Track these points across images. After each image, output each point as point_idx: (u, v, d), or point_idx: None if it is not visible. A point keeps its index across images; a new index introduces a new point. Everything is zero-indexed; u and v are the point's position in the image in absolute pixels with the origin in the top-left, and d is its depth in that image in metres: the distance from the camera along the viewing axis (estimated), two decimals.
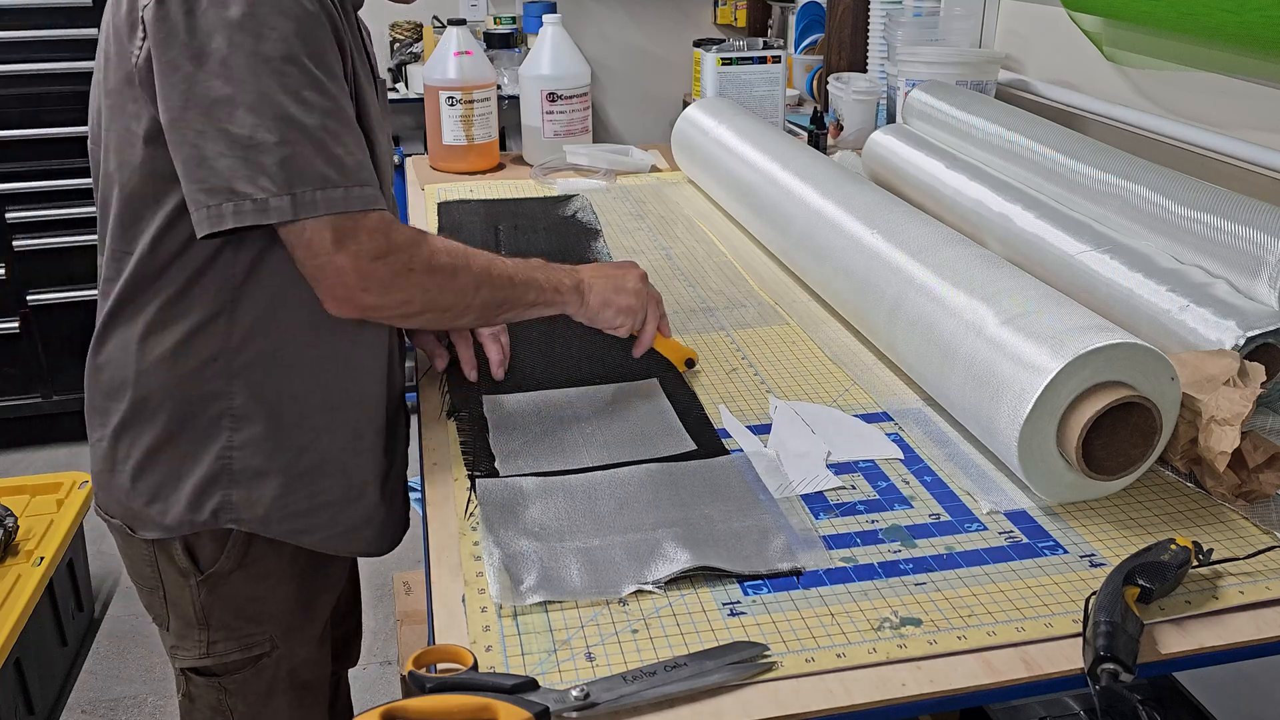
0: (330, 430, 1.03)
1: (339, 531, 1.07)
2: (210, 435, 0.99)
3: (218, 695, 1.11)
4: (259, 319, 0.97)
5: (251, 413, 0.99)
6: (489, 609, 0.78)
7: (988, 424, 0.92)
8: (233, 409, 0.99)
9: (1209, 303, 1.02)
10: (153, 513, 1.02)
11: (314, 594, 1.13)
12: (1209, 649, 0.75)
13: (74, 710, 2.11)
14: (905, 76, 1.84)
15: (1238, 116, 1.40)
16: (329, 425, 1.03)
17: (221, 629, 1.08)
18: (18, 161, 2.81)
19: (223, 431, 0.99)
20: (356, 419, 1.05)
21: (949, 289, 1.03)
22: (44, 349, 2.97)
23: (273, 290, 0.97)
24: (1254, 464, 0.88)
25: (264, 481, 1.01)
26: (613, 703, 0.67)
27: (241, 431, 0.99)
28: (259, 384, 0.99)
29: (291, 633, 1.11)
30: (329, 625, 1.19)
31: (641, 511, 0.88)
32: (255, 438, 1.00)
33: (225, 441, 0.99)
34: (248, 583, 1.06)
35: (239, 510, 1.01)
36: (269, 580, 1.07)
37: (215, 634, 1.08)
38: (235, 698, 1.11)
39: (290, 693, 1.13)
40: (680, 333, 1.26)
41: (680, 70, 3.69)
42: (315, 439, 1.02)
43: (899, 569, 0.82)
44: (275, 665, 1.11)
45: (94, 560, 2.42)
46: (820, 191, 1.35)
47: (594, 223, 1.65)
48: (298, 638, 1.12)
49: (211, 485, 1.00)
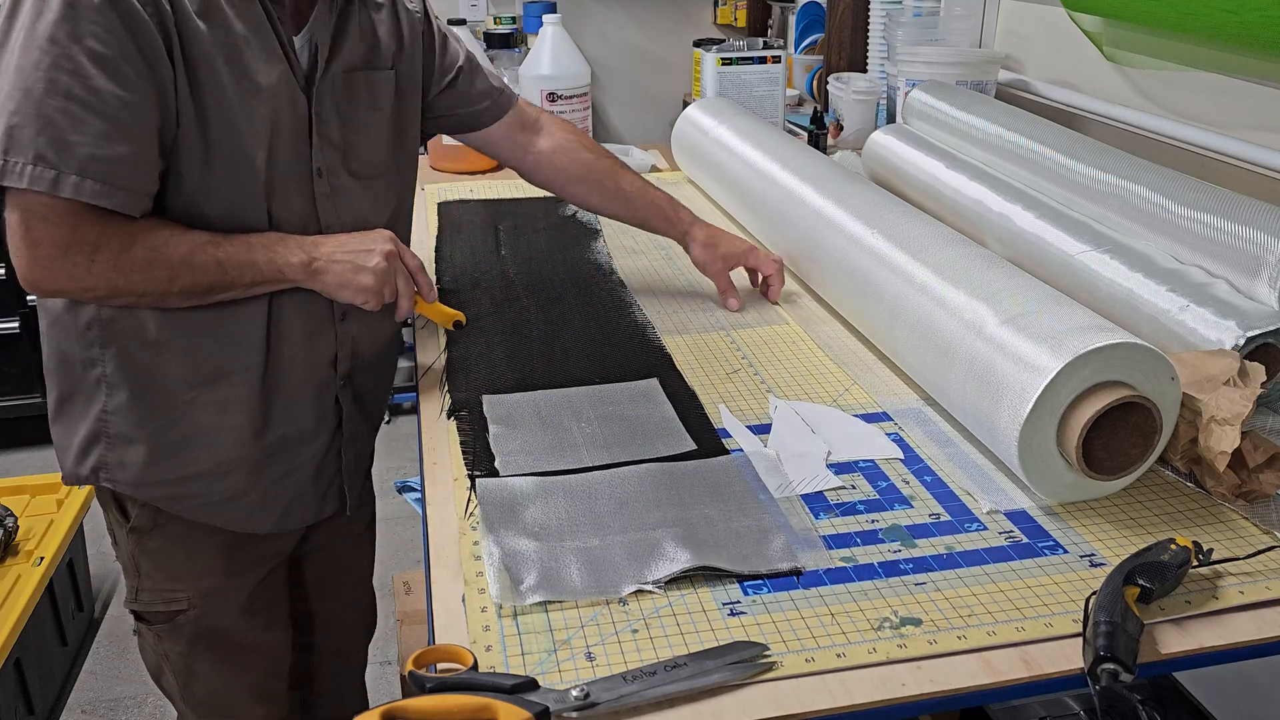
0: (197, 404, 1.08)
1: (210, 503, 1.13)
2: (92, 397, 1.07)
3: (155, 638, 1.21)
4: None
5: (120, 381, 1.06)
6: (489, 609, 0.78)
7: (988, 424, 0.92)
8: (106, 376, 1.06)
9: (1209, 303, 1.02)
10: (60, 460, 1.12)
11: (240, 564, 1.19)
12: (1209, 649, 0.74)
13: (74, 710, 2.11)
14: (905, 76, 1.84)
15: (1238, 116, 1.39)
16: (195, 400, 1.07)
17: (148, 579, 1.17)
18: None
19: (101, 395, 1.07)
20: (225, 394, 1.08)
21: (949, 289, 1.03)
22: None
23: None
24: (1254, 464, 0.88)
25: (133, 447, 1.08)
26: (613, 703, 0.67)
27: (114, 398, 1.07)
28: (127, 354, 1.05)
29: (211, 597, 1.18)
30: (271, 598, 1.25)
31: (641, 511, 0.88)
32: (124, 404, 1.07)
33: (102, 405, 1.07)
34: (167, 542, 1.14)
35: (113, 471, 1.09)
36: (187, 543, 1.15)
37: (144, 582, 1.17)
38: (166, 643, 1.20)
39: (214, 651, 1.21)
40: (680, 332, 1.26)
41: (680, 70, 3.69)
42: (183, 412, 1.07)
43: (899, 569, 0.82)
44: (193, 624, 1.18)
45: (94, 560, 2.42)
46: (820, 191, 1.35)
47: (594, 223, 1.65)
48: (218, 603, 1.18)
49: (92, 444, 1.09)
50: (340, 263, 1.06)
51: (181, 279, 0.99)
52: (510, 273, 1.44)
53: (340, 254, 1.07)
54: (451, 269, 1.46)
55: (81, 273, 0.95)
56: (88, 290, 0.97)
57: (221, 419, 1.09)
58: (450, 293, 1.36)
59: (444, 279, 1.42)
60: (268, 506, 1.16)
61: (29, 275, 0.95)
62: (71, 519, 2.17)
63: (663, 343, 1.22)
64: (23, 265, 0.94)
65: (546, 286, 1.39)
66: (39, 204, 0.92)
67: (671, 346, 1.21)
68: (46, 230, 0.92)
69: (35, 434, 3.09)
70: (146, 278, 0.98)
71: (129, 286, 0.98)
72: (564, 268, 1.46)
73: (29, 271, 0.94)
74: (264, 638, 1.25)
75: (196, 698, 1.23)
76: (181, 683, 1.22)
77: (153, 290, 0.99)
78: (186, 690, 1.23)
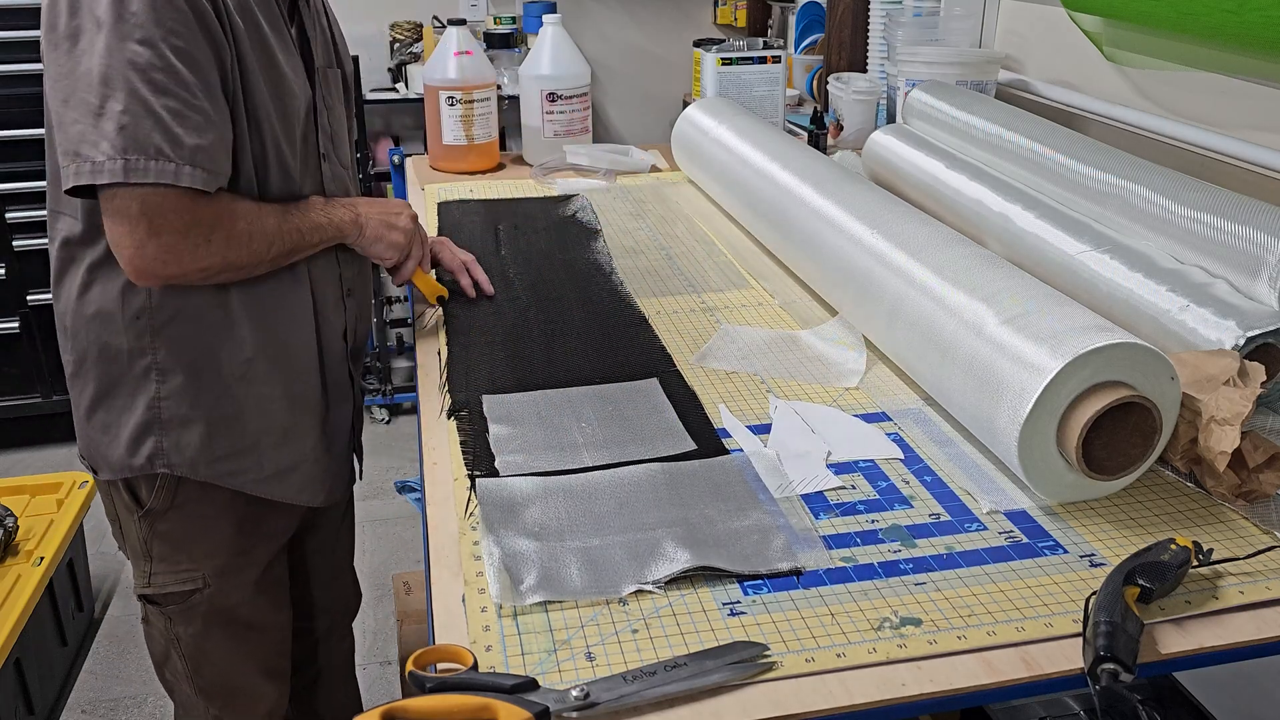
0: (248, 379, 1.13)
1: (265, 475, 1.17)
2: (141, 386, 1.11)
3: (165, 622, 1.23)
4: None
5: (173, 366, 1.10)
6: (489, 609, 0.78)
7: (988, 424, 0.92)
8: (158, 363, 1.10)
9: (1209, 303, 1.02)
10: (103, 453, 1.14)
11: (251, 541, 1.22)
12: (1209, 649, 0.75)
13: (74, 710, 2.11)
14: (905, 76, 1.84)
15: (1238, 116, 1.40)
16: (246, 374, 1.13)
17: (161, 561, 1.19)
18: (18, 161, 2.81)
19: (151, 383, 1.10)
20: (275, 369, 1.14)
21: (949, 289, 1.03)
22: (44, 349, 2.97)
23: None
24: (1254, 464, 0.88)
25: (190, 428, 1.12)
26: (613, 703, 0.67)
27: (167, 383, 1.10)
28: (178, 339, 1.09)
29: (225, 574, 1.21)
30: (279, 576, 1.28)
31: (641, 511, 0.88)
32: (179, 388, 1.11)
33: (154, 392, 1.11)
34: (182, 522, 1.17)
35: (170, 455, 1.12)
36: (203, 522, 1.18)
37: (156, 565, 1.20)
38: (178, 625, 1.23)
39: (227, 628, 1.24)
40: (680, 332, 1.26)
41: (680, 70, 3.69)
42: (233, 387, 1.12)
43: (899, 569, 0.82)
44: (208, 602, 1.21)
45: (94, 560, 2.42)
46: (820, 191, 1.35)
47: (594, 223, 1.65)
48: (232, 580, 1.22)
49: (145, 432, 1.12)
50: (375, 220, 1.19)
51: (275, 247, 1.08)
52: (510, 273, 1.44)
53: (374, 213, 1.20)
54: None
55: (201, 253, 1.02)
56: (203, 270, 1.04)
57: (272, 390, 1.14)
58: (451, 293, 1.36)
59: (444, 279, 1.42)
60: (325, 476, 1.23)
61: (148, 264, 1.00)
62: (71, 519, 2.17)
63: (663, 343, 1.22)
64: (143, 254, 0.99)
65: (546, 286, 1.39)
66: (159, 195, 0.97)
67: (671, 346, 1.21)
68: (168, 219, 0.98)
69: (35, 434, 3.09)
70: (250, 250, 1.06)
71: (236, 260, 1.05)
72: (564, 268, 1.46)
73: (150, 260, 0.99)
74: (272, 616, 1.29)
75: (206, 680, 1.26)
76: (191, 666, 1.25)
77: (252, 261, 1.07)
78: (196, 674, 1.25)
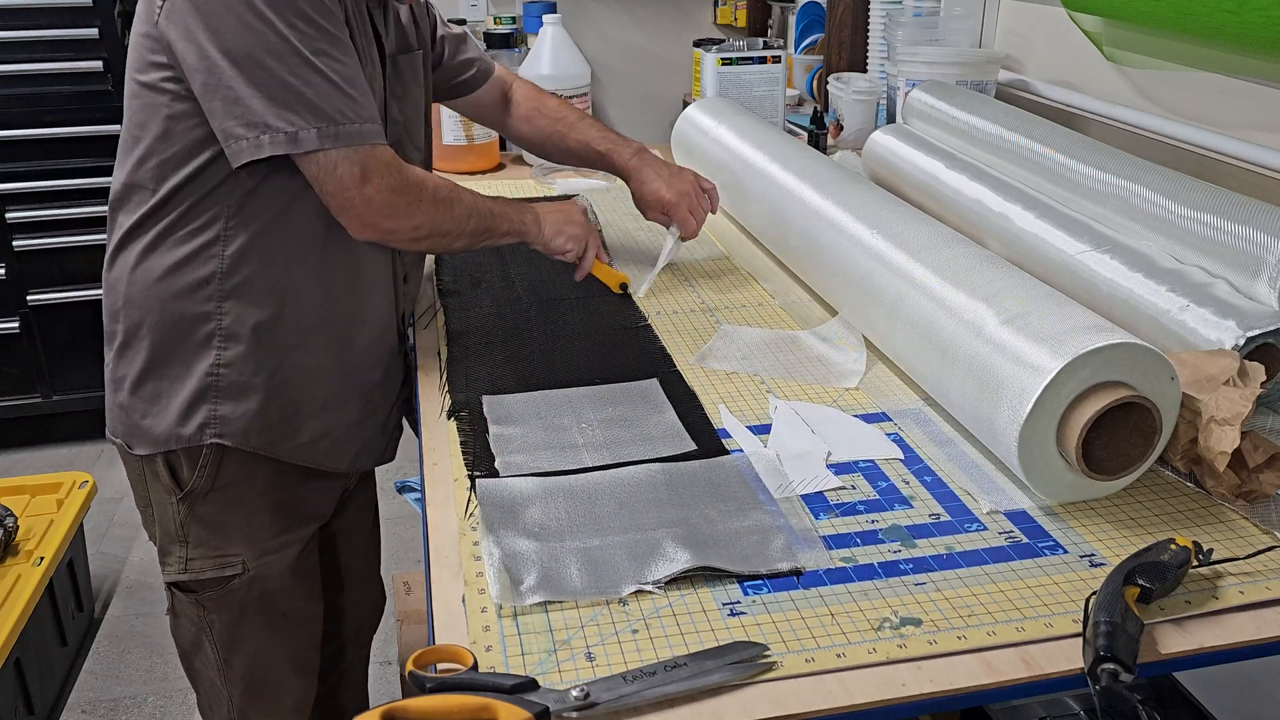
0: (305, 347, 1.14)
1: (301, 443, 1.17)
2: (200, 353, 1.10)
3: (197, 611, 1.22)
4: (247, 246, 1.08)
5: (239, 331, 1.10)
6: (489, 609, 0.78)
7: (988, 424, 0.92)
8: (222, 328, 1.10)
9: (1209, 303, 1.02)
10: (146, 426, 1.13)
11: (289, 523, 1.21)
12: (1209, 649, 0.75)
13: (74, 710, 2.11)
14: (905, 76, 1.84)
15: (1238, 116, 1.39)
16: (303, 343, 1.14)
17: (199, 546, 1.18)
18: (18, 161, 2.80)
19: (212, 350, 1.10)
20: (334, 340, 1.15)
21: (949, 289, 1.03)
22: (44, 349, 2.97)
23: (266, 219, 1.08)
24: (1254, 464, 0.88)
25: (248, 395, 1.12)
26: (613, 703, 0.67)
27: (230, 350, 1.10)
28: (246, 305, 1.10)
29: (264, 557, 1.20)
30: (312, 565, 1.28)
31: (641, 511, 0.88)
32: (241, 355, 1.11)
33: (214, 359, 1.10)
34: (222, 504, 1.16)
35: (223, 424, 1.12)
36: (243, 504, 1.17)
37: (193, 550, 1.18)
38: (212, 614, 1.21)
39: (263, 615, 1.23)
40: (680, 332, 1.26)
41: (680, 70, 3.69)
42: (291, 355, 1.13)
43: (899, 569, 0.82)
44: (246, 587, 1.20)
45: (94, 560, 2.42)
46: (820, 191, 1.35)
47: (594, 223, 1.64)
48: (270, 563, 1.21)
49: (199, 400, 1.11)
50: (555, 214, 1.27)
51: (472, 221, 1.14)
52: (511, 273, 1.44)
53: (548, 213, 1.27)
54: (452, 269, 1.46)
55: (414, 209, 1.08)
56: (416, 228, 1.09)
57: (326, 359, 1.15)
58: (451, 293, 1.36)
59: (444, 278, 1.42)
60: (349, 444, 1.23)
61: (370, 215, 1.05)
62: (71, 519, 2.16)
63: (663, 343, 1.22)
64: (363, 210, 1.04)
65: (547, 286, 1.39)
66: (363, 156, 1.03)
67: (671, 347, 1.21)
68: (382, 178, 1.04)
69: (35, 434, 3.09)
70: (452, 215, 1.12)
71: (443, 225, 1.11)
72: (564, 268, 1.46)
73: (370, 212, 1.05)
74: (305, 607, 1.28)
75: (236, 671, 1.25)
76: (223, 655, 1.24)
77: (455, 230, 1.12)
78: (227, 664, 1.24)
